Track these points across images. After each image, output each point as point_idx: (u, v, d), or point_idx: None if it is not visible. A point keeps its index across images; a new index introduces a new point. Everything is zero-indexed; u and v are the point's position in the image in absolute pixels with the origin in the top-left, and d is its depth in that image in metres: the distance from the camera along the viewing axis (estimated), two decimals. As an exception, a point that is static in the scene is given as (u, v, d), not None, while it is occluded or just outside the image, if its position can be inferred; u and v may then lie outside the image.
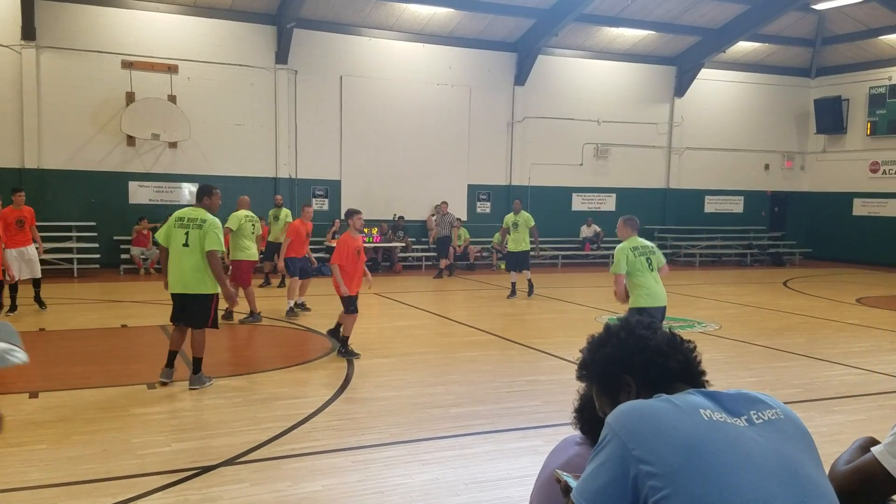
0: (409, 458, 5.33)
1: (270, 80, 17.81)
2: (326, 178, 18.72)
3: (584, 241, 21.18)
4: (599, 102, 21.36)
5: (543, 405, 6.78)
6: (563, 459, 2.34)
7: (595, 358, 1.92)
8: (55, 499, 4.46)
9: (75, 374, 7.56)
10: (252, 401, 6.75)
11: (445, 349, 9.13)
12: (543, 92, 20.74)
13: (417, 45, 19.25)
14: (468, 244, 19.31)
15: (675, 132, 22.58)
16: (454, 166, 20.01)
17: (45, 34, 15.73)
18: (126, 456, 5.22)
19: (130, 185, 16.78)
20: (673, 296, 14.88)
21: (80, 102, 16.15)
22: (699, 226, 23.10)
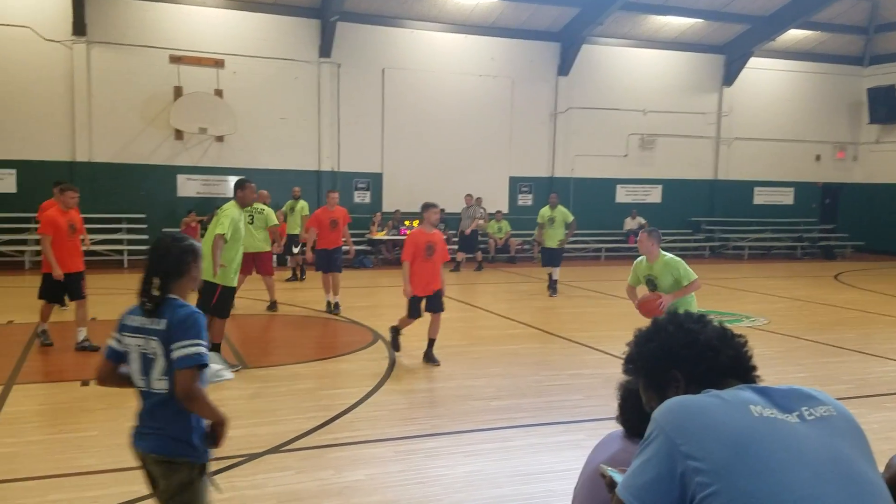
0: (451, 450, 5.35)
1: (314, 73, 17.96)
2: (368, 171, 18.83)
3: (629, 234, 20.90)
4: (645, 92, 21.03)
5: (586, 399, 6.73)
6: (607, 454, 2.32)
7: (642, 352, 1.89)
8: (106, 484, 4.58)
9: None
10: (296, 391, 6.84)
11: (486, 342, 9.12)
12: (588, 82, 20.51)
13: (459, 36, 19.20)
14: (509, 237, 19.23)
15: (723, 122, 22.12)
16: (495, 158, 19.93)
17: (95, 29, 16.10)
18: (174, 443, 5.33)
19: (178, 178, 17.11)
20: (720, 289, 14.67)
21: (129, 97, 16.51)
22: (748, 218, 22.62)
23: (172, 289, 2.95)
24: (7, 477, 4.67)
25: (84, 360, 7.71)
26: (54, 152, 16.07)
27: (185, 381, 2.80)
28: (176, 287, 2.97)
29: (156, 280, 2.91)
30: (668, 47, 21.24)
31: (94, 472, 4.79)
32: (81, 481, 4.63)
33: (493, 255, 18.93)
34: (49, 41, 15.77)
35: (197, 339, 2.84)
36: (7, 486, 4.53)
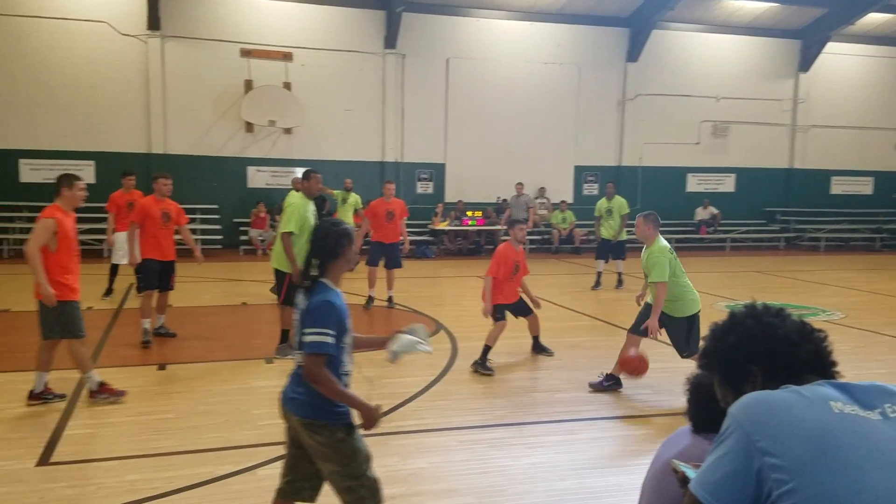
0: (514, 441, 5.33)
1: (379, 64, 18.09)
2: (431, 162, 18.88)
3: (700, 224, 20.38)
4: (718, 78, 20.44)
5: (653, 393, 6.61)
6: (677, 449, 2.27)
7: (719, 346, 1.85)
8: (182, 465, 4.74)
9: (200, 347, 8.00)
10: (359, 379, 6.89)
11: (549, 334, 9.03)
12: (658, 68, 20.05)
13: (525, 23, 19.02)
14: (573, 227, 19.01)
15: (799, 109, 21.31)
16: (561, 147, 19.71)
17: (169, 24, 16.60)
18: (246, 426, 5.48)
19: (249, 169, 17.53)
20: (796, 282, 14.19)
21: (202, 90, 16.98)
22: (824, 208, 21.76)
23: (329, 269, 3.20)
24: (87, 457, 4.88)
25: (160, 344, 8.00)
26: (131, 144, 16.67)
27: (309, 366, 3.06)
28: (332, 268, 3.21)
29: (314, 261, 3.18)
30: (742, 32, 20.56)
31: (170, 453, 4.96)
32: (157, 462, 4.80)
33: (556, 246, 18.75)
34: (125, 36, 16.34)
35: (322, 328, 3.05)
36: (88, 466, 4.74)
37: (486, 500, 4.36)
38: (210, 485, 4.44)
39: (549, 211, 19.42)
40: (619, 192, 20.80)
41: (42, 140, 16.13)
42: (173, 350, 7.80)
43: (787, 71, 21.18)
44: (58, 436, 5.18)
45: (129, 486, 4.39)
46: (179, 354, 7.66)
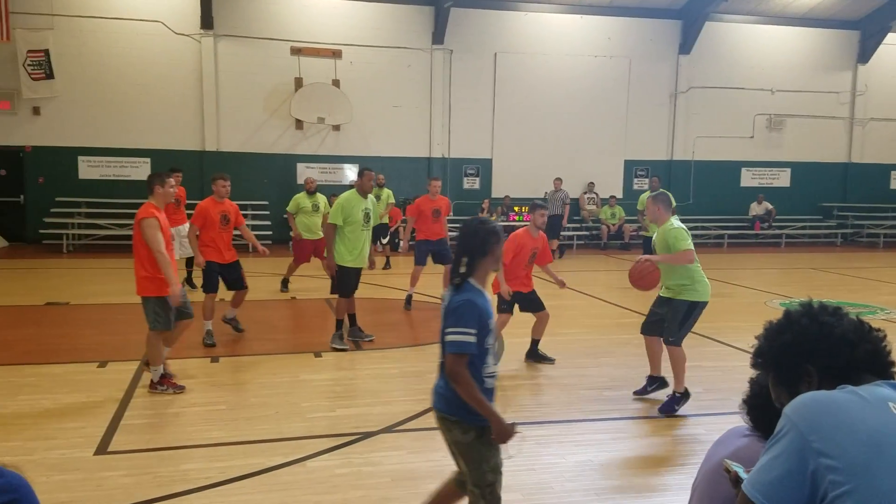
0: (562, 438, 5.29)
1: (427, 60, 18.13)
2: (478, 157, 18.86)
3: (755, 220, 19.91)
4: (773, 70, 19.94)
5: (705, 392, 6.48)
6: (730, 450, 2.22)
7: (773, 345, 1.81)
8: (233, 456, 4.84)
9: (251, 341, 8.15)
10: (407, 373, 6.98)
11: (598, 330, 8.95)
12: (711, 60, 19.66)
13: (575, 16, 18.84)
14: (623, 223, 18.77)
15: (857, 102, 20.64)
16: (610, 141, 19.48)
17: (222, 23, 16.91)
18: (296, 419, 5.57)
19: (298, 166, 17.77)
20: (853, 280, 13.76)
21: (253, 88, 17.26)
22: (884, 203, 21.04)
23: (477, 267, 3.18)
24: (144, 447, 5.02)
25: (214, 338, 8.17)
26: (185, 142, 17.06)
27: (449, 365, 3.05)
28: (480, 265, 3.19)
29: (464, 258, 3.16)
30: (798, 23, 19.99)
31: (222, 444, 5.06)
32: (211, 452, 4.91)
33: (605, 242, 18.55)
34: (179, 35, 16.71)
35: (463, 328, 3.03)
36: (144, 456, 4.87)
37: (533, 497, 4.34)
38: (261, 476, 4.52)
39: (597, 206, 19.22)
40: (671, 187, 20.46)
41: (99, 138, 16.62)
42: (226, 343, 7.97)
43: (844, 63, 20.52)
44: (115, 425, 5.34)
45: (183, 476, 4.50)
46: (232, 348, 7.82)
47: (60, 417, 5.51)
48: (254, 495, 4.28)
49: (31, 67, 15.89)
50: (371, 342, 8.03)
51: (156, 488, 4.32)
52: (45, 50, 15.90)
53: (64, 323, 8.98)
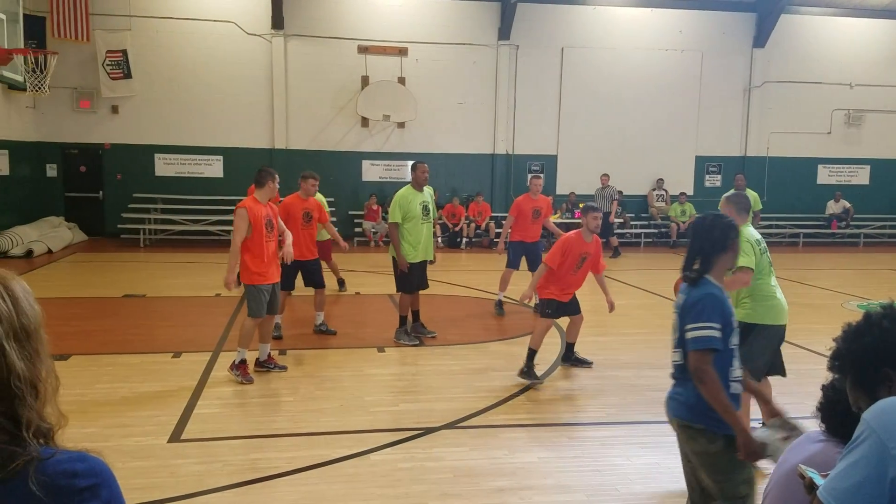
0: (627, 440, 5.21)
1: (492, 56, 18.07)
2: (543, 154, 18.69)
3: (832, 218, 19.14)
4: (852, 64, 19.11)
5: (777, 396, 6.23)
6: (803, 455, 2.15)
7: (852, 348, 1.74)
8: (300, 447, 4.94)
9: (317, 335, 8.29)
10: (470, 370, 6.97)
11: (665, 331, 8.71)
12: (787, 54, 18.99)
13: (644, 9, 18.47)
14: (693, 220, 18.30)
15: (946, 94, 19.60)
16: (680, 137, 19.03)
17: (292, 23, 17.23)
18: (359, 412, 5.64)
19: (363, 163, 17.98)
20: (939, 282, 13.07)
21: (321, 87, 17.54)
22: (975, 202, 19.92)
23: (715, 263, 3.08)
24: (215, 435, 5.17)
25: (282, 331, 8.35)
26: (255, 140, 17.47)
27: (694, 363, 2.91)
28: (718, 262, 3.09)
29: (699, 253, 3.08)
30: (878, 15, 19.10)
31: (289, 434, 5.17)
32: (278, 443, 5.02)
33: (674, 240, 18.15)
34: (251, 35, 17.11)
35: (706, 322, 2.90)
36: (215, 444, 5.02)
37: (597, 499, 4.29)
38: (325, 467, 4.60)
39: (666, 203, 18.82)
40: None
41: (174, 136, 17.18)
42: (293, 337, 8.13)
43: (932, 53, 19.52)
44: (188, 414, 5.51)
45: (251, 465, 4.61)
46: (298, 341, 7.97)
47: (136, 405, 5.72)
48: (319, 486, 4.35)
49: (109, 67, 16.53)
50: (433, 338, 8.08)
51: (226, 476, 4.44)
52: (123, 50, 16.52)
53: (140, 314, 9.32)
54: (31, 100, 15.55)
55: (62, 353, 6.74)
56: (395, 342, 7.81)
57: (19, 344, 1.20)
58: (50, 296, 9.74)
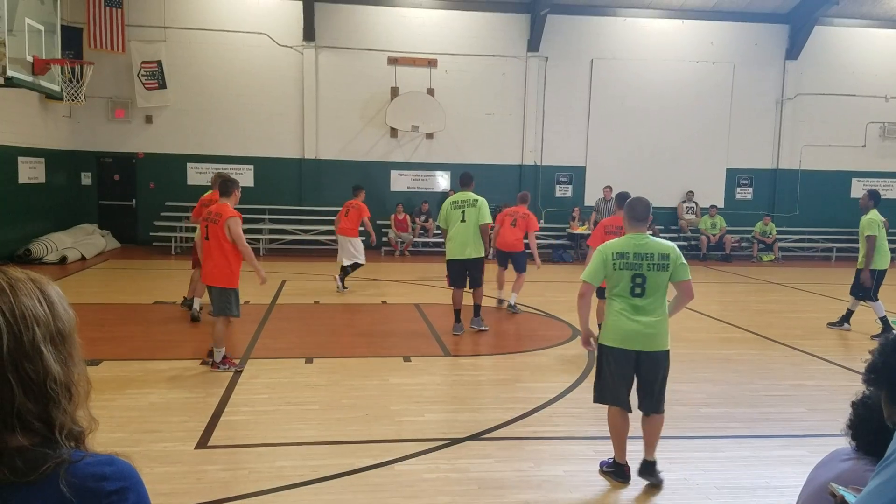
0: (656, 455, 5.13)
1: (521, 68, 18.08)
2: (571, 165, 18.63)
3: (866, 233, 18.79)
4: (888, 76, 18.80)
5: (809, 412, 6.16)
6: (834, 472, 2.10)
7: (888, 361, 1.69)
8: (325, 455, 4.94)
9: (343, 343, 8.33)
10: (495, 381, 6.95)
11: (695, 345, 8.65)
12: (820, 66, 18.74)
13: (675, 21, 18.37)
14: (724, 233, 18.10)
15: None
16: (711, 149, 18.84)
17: (323, 35, 17.42)
18: (385, 421, 5.64)
19: (392, 173, 18.07)
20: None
21: (351, 98, 17.68)
22: None
23: None
24: (242, 442, 5.21)
25: (309, 339, 8.40)
26: (285, 149, 17.65)
27: None
28: None
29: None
30: (917, 26, 18.80)
31: (315, 443, 5.19)
32: (304, 451, 5.04)
33: (704, 253, 17.95)
34: (282, 47, 17.32)
35: None
36: (241, 451, 5.05)
37: (623, 514, 4.23)
38: (350, 476, 4.60)
39: (696, 216, 18.63)
40: (776, 196, 19.69)
41: (207, 145, 17.42)
42: (319, 345, 8.17)
43: (972, 65, 19.13)
44: (215, 421, 5.55)
45: (277, 472, 4.63)
46: (325, 349, 8.00)
47: (165, 411, 5.78)
48: (343, 495, 4.35)
49: (144, 78, 16.84)
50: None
51: (252, 483, 4.46)
52: (158, 61, 16.82)
53: (170, 321, 9.43)
54: (68, 109, 15.88)
55: (94, 358, 6.84)
56: (470, 327, 8.94)
57: (55, 347, 1.22)
58: (83, 302, 9.90)
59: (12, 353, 1.16)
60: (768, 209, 18.95)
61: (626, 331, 4.51)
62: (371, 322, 9.69)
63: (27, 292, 1.22)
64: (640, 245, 4.52)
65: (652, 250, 4.51)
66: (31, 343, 1.19)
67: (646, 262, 4.49)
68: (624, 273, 4.49)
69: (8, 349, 1.16)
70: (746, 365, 7.74)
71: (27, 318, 1.19)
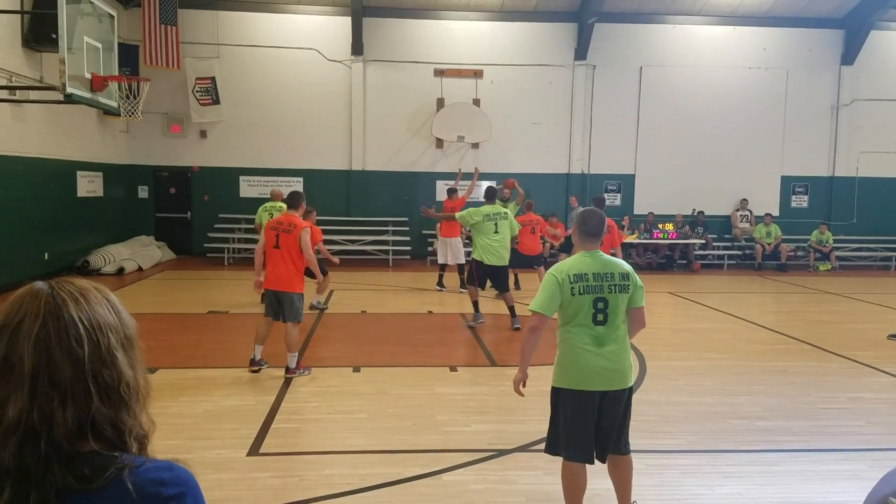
0: (708, 469, 5.02)
1: (568, 77, 18.00)
2: (619, 173, 18.44)
3: (926, 241, 18.14)
4: (951, 79, 18.17)
5: (868, 426, 5.95)
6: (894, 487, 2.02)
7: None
8: (373, 464, 4.97)
9: (390, 352, 8.37)
10: (542, 392, 6.82)
11: (750, 356, 8.45)
12: (877, 71, 18.22)
13: (727, 28, 18.08)
14: (779, 242, 17.65)
15: None
16: (765, 156, 18.45)
17: (371, 49, 17.63)
18: (432, 431, 5.64)
19: (437, 183, 18.13)
20: None
21: (398, 110, 17.84)
22: None
23: None
24: (292, 450, 5.27)
25: (356, 348, 8.47)
26: (334, 162, 17.88)
27: None
28: None
29: None
30: (981, 25, 18.13)
31: (363, 451, 5.22)
32: (352, 459, 5.07)
33: (759, 263, 17.53)
34: (331, 61, 17.59)
35: None
36: (291, 459, 5.11)
37: (675, 528, 4.14)
38: (398, 485, 4.61)
39: (751, 224, 18.23)
40: (832, 204, 19.16)
41: (258, 159, 17.76)
42: (366, 354, 8.23)
43: None
44: (266, 429, 5.64)
45: (326, 480, 4.67)
46: (372, 358, 8.06)
47: (218, 419, 5.89)
48: (391, 504, 4.36)
49: (199, 94, 17.28)
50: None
51: (301, 491, 4.51)
52: (211, 77, 17.25)
53: (223, 330, 9.62)
54: (125, 125, 16.39)
55: (150, 366, 6.92)
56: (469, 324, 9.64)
57: (125, 352, 1.26)
58: (140, 311, 10.17)
59: (92, 360, 1.20)
60: (825, 217, 18.44)
61: (589, 368, 3.85)
62: (417, 331, 9.72)
63: (98, 300, 1.27)
64: (598, 264, 3.92)
65: (612, 270, 3.91)
66: (107, 349, 1.23)
67: (606, 283, 3.87)
68: (584, 298, 3.85)
69: (89, 357, 1.20)
70: (802, 377, 7.52)
71: (102, 326, 1.24)
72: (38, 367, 1.17)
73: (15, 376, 1.17)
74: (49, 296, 1.22)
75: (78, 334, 1.20)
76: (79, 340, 1.20)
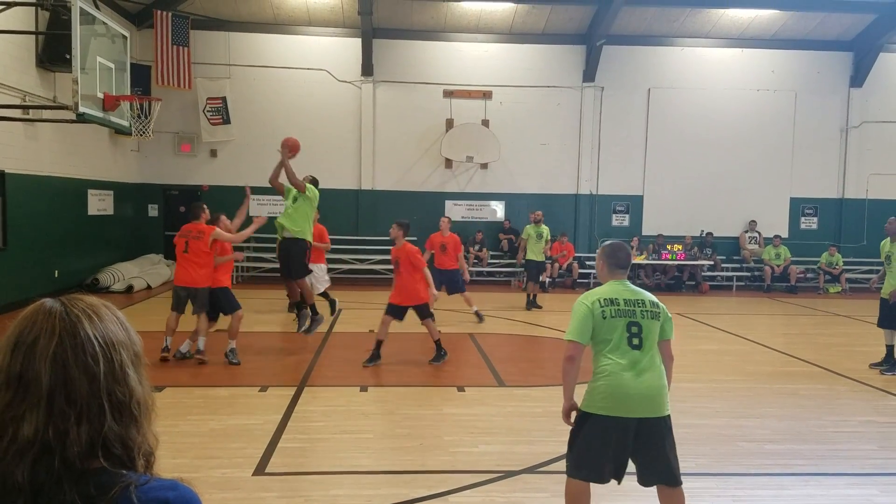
0: (718, 493, 4.97)
1: (576, 98, 18.07)
2: (628, 194, 18.44)
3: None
4: (959, 101, 18.15)
5: (880, 450, 5.88)
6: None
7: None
8: (379, 485, 4.94)
9: (397, 372, 8.35)
10: (551, 412, 6.81)
11: (760, 379, 8.38)
12: (886, 93, 18.23)
13: (735, 50, 18.14)
14: (789, 264, 17.57)
15: None
16: (774, 178, 18.42)
17: (381, 70, 17.77)
18: (439, 452, 5.61)
19: (446, 203, 18.18)
20: None
21: (407, 130, 17.94)
22: None
23: None
24: (298, 470, 5.24)
25: (363, 368, 8.44)
26: (343, 181, 17.96)
27: None
28: None
29: None
30: None
31: (369, 472, 5.19)
32: (358, 479, 5.04)
33: (768, 284, 17.44)
34: (342, 82, 17.73)
35: None
36: (297, 479, 5.08)
37: (684, 553, 4.09)
38: (404, 507, 4.57)
39: (759, 246, 18.17)
40: (842, 226, 19.08)
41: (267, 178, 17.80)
42: (373, 374, 8.20)
43: None
44: (272, 448, 5.61)
45: (332, 501, 4.64)
46: (379, 378, 8.04)
47: (224, 438, 5.87)
48: (397, 526, 4.32)
49: (210, 113, 17.43)
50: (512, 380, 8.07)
51: (306, 511, 4.48)
52: (222, 97, 17.41)
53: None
54: (136, 144, 16.52)
55: (157, 384, 7.00)
56: None
57: (135, 369, 1.27)
58: (148, 329, 10.17)
59: (107, 377, 1.21)
60: (834, 239, 18.37)
61: (626, 394, 3.75)
62: (425, 351, 9.68)
63: (110, 318, 1.27)
64: (629, 292, 3.94)
65: (642, 297, 3.93)
66: (120, 367, 1.23)
67: (638, 308, 3.86)
68: (617, 321, 3.82)
69: (104, 374, 1.20)
70: (813, 400, 7.46)
71: (115, 343, 1.24)
72: (55, 384, 1.17)
73: (30, 394, 1.17)
74: (63, 313, 1.22)
75: (94, 351, 1.20)
76: (94, 358, 1.20)
